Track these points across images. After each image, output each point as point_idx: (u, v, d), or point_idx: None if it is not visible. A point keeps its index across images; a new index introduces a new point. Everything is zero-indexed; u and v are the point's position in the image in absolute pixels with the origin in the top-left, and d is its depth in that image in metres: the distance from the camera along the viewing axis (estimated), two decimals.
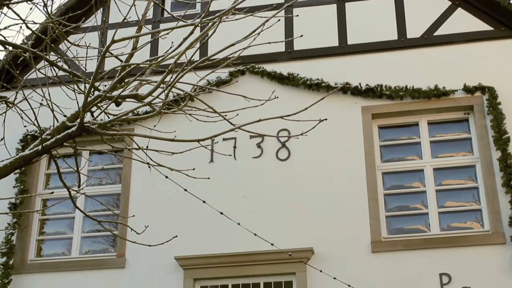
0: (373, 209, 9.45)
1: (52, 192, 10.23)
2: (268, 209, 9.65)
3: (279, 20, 5.64)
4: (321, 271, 7.73)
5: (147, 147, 5.14)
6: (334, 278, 7.63)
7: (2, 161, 4.73)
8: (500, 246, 8.98)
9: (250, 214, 9.05)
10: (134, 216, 6.33)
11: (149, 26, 10.56)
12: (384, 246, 9.26)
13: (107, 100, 5.02)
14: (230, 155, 9.94)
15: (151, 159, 5.16)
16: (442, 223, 9.45)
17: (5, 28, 5.41)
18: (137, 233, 5.40)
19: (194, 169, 5.73)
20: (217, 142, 9.89)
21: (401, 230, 9.53)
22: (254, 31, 5.04)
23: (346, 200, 9.55)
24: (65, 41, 5.91)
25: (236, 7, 5.09)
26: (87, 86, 4.74)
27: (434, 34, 10.28)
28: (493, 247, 9.00)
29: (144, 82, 5.48)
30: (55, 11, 8.28)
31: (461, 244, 9.08)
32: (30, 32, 5.47)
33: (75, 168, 5.22)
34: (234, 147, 10.12)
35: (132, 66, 5.03)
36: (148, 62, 5.33)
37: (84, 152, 10.20)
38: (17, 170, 10.17)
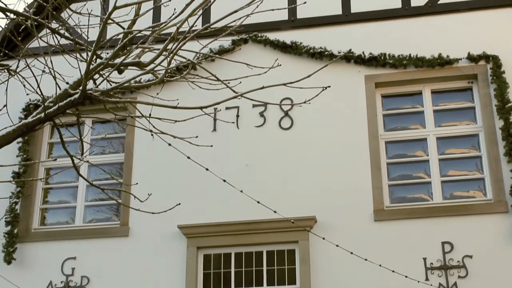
0: (375, 178, 9.46)
1: (55, 159, 10.28)
2: (270, 178, 9.67)
3: None
4: (323, 238, 7.77)
5: (149, 115, 5.13)
6: (337, 246, 7.67)
7: (5, 128, 4.73)
8: (503, 214, 8.99)
9: (253, 183, 9.07)
10: (137, 184, 6.32)
11: None
12: (387, 214, 9.28)
13: (109, 68, 5.00)
14: (233, 123, 9.94)
15: (154, 126, 5.15)
16: (444, 192, 9.46)
17: None
18: (140, 201, 5.40)
19: (197, 136, 5.72)
20: (220, 110, 9.88)
21: (404, 198, 9.55)
22: None
23: (349, 169, 9.56)
24: (67, 9, 5.87)
25: None
26: (89, 54, 4.71)
27: (438, 2, 10.20)
28: (495, 215, 9.02)
29: (146, 50, 5.45)
30: None
31: (463, 212, 9.10)
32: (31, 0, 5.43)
33: (78, 137, 5.22)
34: (237, 116, 10.11)
35: (134, 33, 5.00)
36: (150, 29, 5.30)
37: (87, 122, 10.20)
38: (20, 139, 10.33)
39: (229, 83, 5.16)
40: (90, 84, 4.84)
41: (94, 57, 4.79)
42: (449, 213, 9.13)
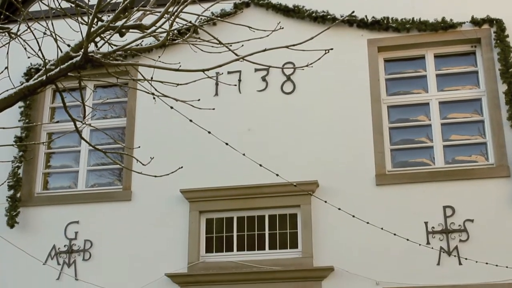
0: (378, 142, 9.46)
1: (58, 121, 10.29)
2: (273, 142, 9.67)
3: None
4: (325, 201, 7.79)
5: (151, 78, 5.11)
6: (339, 209, 7.69)
7: (7, 90, 4.72)
8: (504, 179, 9.01)
9: (255, 147, 9.06)
10: (139, 147, 6.31)
11: None
12: (389, 179, 9.30)
13: (110, 31, 4.97)
14: (235, 85, 9.91)
15: (156, 89, 5.13)
16: (447, 157, 9.46)
17: None
18: (143, 164, 5.41)
19: (199, 99, 5.71)
20: (222, 73, 9.87)
21: (406, 163, 9.56)
22: None
23: (351, 133, 9.56)
24: None
25: None
26: (90, 16, 4.67)
27: None
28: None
29: (147, 13, 5.41)
30: None
31: (465, 177, 9.12)
32: None
33: (80, 101, 5.20)
34: (239, 80, 10.08)
35: None
36: None
37: (88, 86, 10.17)
38: (22, 104, 10.33)
39: (231, 46, 5.13)
40: (91, 47, 4.80)
41: (95, 20, 4.76)
42: (451, 177, 9.14)
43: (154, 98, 5.16)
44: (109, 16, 5.14)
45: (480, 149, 9.49)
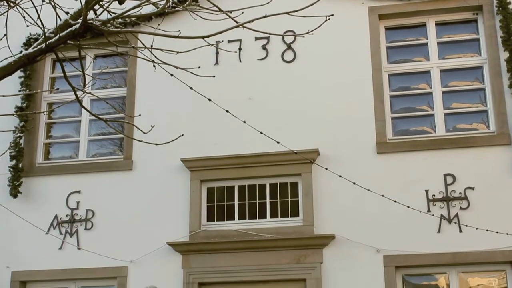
0: (379, 110, 9.45)
1: (57, 89, 10.28)
2: (273, 111, 9.65)
3: None
4: (326, 169, 7.82)
5: (151, 45, 5.08)
6: (340, 176, 7.72)
7: (6, 58, 4.70)
8: (505, 147, 9.01)
9: (256, 116, 9.02)
10: (140, 115, 6.29)
11: None
12: (390, 147, 9.30)
13: None
14: (236, 52, 9.88)
15: (156, 57, 5.11)
16: (447, 125, 9.46)
17: None
18: (144, 133, 5.41)
19: (199, 67, 5.69)
20: (222, 41, 9.83)
21: (407, 131, 9.55)
22: None
23: (352, 101, 9.54)
24: None
25: None
26: None
27: None
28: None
29: None
30: None
31: (466, 145, 9.12)
32: None
33: (80, 70, 5.18)
34: (239, 49, 10.04)
35: None
36: None
37: (88, 55, 10.13)
38: (22, 74, 10.30)
39: (231, 13, 5.10)
40: (90, 15, 4.78)
41: None
42: (452, 145, 9.14)
43: (154, 66, 5.14)
44: None
45: (481, 117, 9.47)
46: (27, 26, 5.84)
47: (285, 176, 9.44)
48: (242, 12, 5.29)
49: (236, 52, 9.90)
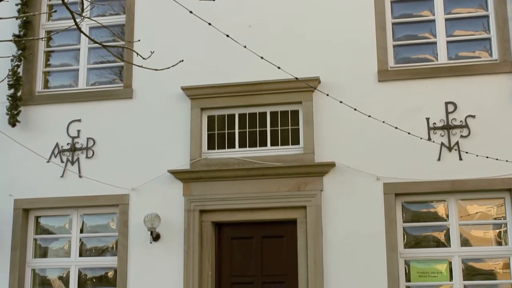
0: (380, 37, 9.34)
1: (55, 11, 10.15)
2: (274, 38, 9.55)
3: None
4: (327, 94, 7.78)
5: None
6: (341, 102, 7.69)
7: None
8: (508, 74, 8.94)
9: (256, 44, 8.86)
10: (139, 40, 6.21)
11: None
12: (391, 75, 9.24)
13: None
14: None
15: None
16: (450, 52, 9.36)
17: None
18: (143, 58, 5.33)
19: None
20: None
21: (409, 59, 9.46)
22: None
23: (353, 28, 9.43)
24: None
25: None
26: None
27: None
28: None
29: None
30: None
31: (468, 73, 9.05)
32: None
33: None
34: None
35: None
36: None
37: None
38: (19, 1, 10.14)
39: None
40: None
41: None
42: (454, 73, 9.07)
43: None
44: None
45: (484, 44, 9.37)
46: None
47: (285, 104, 9.41)
48: None
49: None
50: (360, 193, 8.93)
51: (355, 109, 7.79)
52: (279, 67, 6.59)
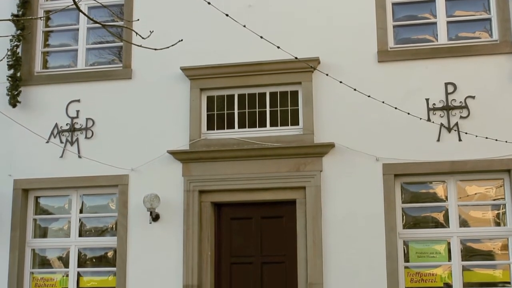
0: (380, 18, 9.31)
1: None
2: (273, 19, 9.51)
3: None
4: (327, 74, 7.76)
5: None
6: (340, 82, 7.68)
7: None
8: (508, 55, 8.92)
9: (256, 25, 8.78)
10: (138, 20, 6.19)
11: None
12: (391, 55, 9.21)
13: None
14: None
15: None
16: (450, 33, 9.33)
17: None
18: (142, 38, 5.32)
19: None
20: None
21: (409, 39, 9.43)
22: None
23: (353, 8, 9.39)
24: None
25: None
26: None
27: None
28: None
29: None
30: None
31: (468, 53, 9.03)
32: None
33: None
34: None
35: None
36: None
37: None
38: None
39: None
40: None
41: None
42: (454, 54, 9.05)
43: None
44: None
45: (484, 25, 9.34)
46: None
47: (285, 84, 9.40)
48: None
49: None
50: (360, 174, 8.94)
51: (354, 90, 7.77)
52: (278, 47, 6.57)
